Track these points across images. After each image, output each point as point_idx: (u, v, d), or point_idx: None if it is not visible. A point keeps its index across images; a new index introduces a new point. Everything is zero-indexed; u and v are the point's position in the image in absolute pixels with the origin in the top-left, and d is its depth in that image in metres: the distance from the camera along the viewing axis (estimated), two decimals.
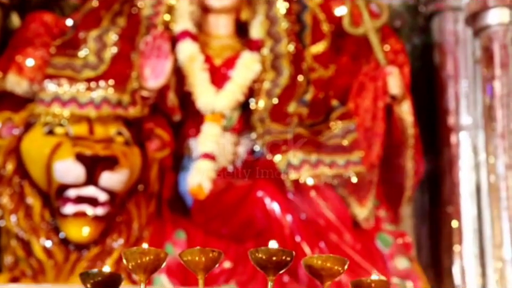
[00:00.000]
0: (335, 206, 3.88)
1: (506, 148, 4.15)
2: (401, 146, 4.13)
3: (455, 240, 4.23)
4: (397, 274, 3.87)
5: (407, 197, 4.22)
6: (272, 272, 1.84)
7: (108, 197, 3.71)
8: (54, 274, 3.71)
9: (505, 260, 4.04)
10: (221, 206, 3.87)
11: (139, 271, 1.87)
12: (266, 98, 4.01)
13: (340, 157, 3.90)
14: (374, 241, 3.96)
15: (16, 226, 3.76)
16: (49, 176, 3.71)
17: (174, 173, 4.04)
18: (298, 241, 3.80)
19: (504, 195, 4.10)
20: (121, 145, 3.80)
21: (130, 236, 3.80)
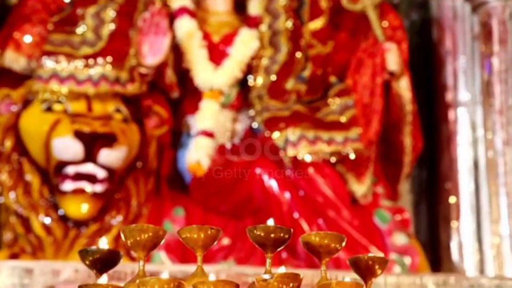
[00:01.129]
0: (333, 182, 3.89)
1: (504, 124, 4.15)
2: (400, 122, 4.14)
3: (453, 216, 4.24)
4: (395, 250, 3.88)
5: (405, 173, 4.23)
6: (270, 249, 1.84)
7: (107, 174, 3.71)
8: (53, 251, 3.72)
9: (502, 236, 4.06)
10: (219, 183, 3.87)
11: (138, 248, 1.87)
12: (265, 75, 4.01)
13: (338, 133, 3.91)
14: (372, 217, 3.97)
15: (15, 203, 3.77)
16: (48, 153, 3.71)
17: (173, 150, 4.04)
18: (296, 218, 3.81)
19: (502, 171, 4.11)
20: (119, 122, 3.80)
21: (129, 213, 3.81)
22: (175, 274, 2.90)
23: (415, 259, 3.90)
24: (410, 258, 3.89)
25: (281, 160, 3.86)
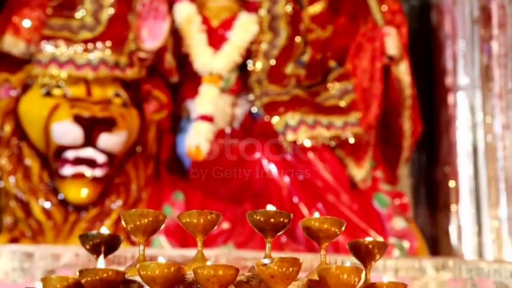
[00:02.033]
0: (332, 167, 3.89)
1: (503, 108, 4.15)
2: (399, 106, 4.14)
3: (452, 200, 4.25)
4: (394, 235, 3.89)
5: (405, 158, 4.24)
6: (270, 234, 1.85)
7: (106, 159, 3.72)
8: (53, 235, 3.73)
9: (501, 219, 4.06)
10: (218, 167, 3.88)
11: (138, 233, 1.88)
12: (264, 59, 4.01)
13: (337, 118, 3.91)
14: (371, 201, 3.98)
15: (15, 187, 3.78)
16: (48, 138, 3.72)
17: (172, 134, 4.05)
18: (296, 202, 3.82)
19: (501, 155, 4.11)
20: (119, 107, 3.80)
21: (129, 197, 3.82)
22: (175, 259, 2.91)
23: (413, 243, 3.91)
24: (409, 242, 3.90)
25: (280, 144, 3.86)
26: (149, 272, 1.71)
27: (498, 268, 3.34)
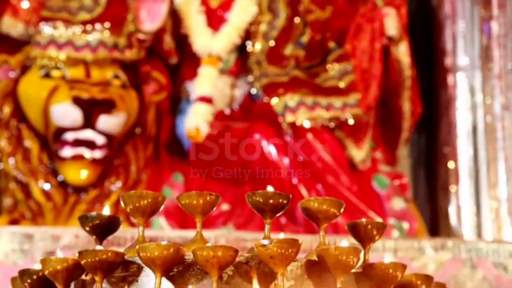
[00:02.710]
0: (331, 148, 3.90)
1: (503, 89, 4.15)
2: (398, 87, 4.14)
3: (451, 181, 4.25)
4: (393, 215, 3.90)
5: (404, 139, 4.24)
6: (269, 215, 1.85)
7: (106, 140, 3.72)
8: (53, 217, 3.74)
9: (500, 200, 4.07)
10: (218, 149, 3.88)
11: (137, 214, 1.87)
12: (263, 40, 4.00)
13: (336, 99, 3.91)
14: (370, 182, 3.98)
15: (14, 169, 3.78)
16: (47, 120, 3.72)
17: (171, 116, 4.05)
18: (295, 183, 3.82)
19: (500, 135, 4.12)
20: (118, 89, 3.80)
21: (128, 179, 3.82)
22: (175, 240, 2.92)
23: (413, 224, 3.92)
24: (408, 223, 3.91)
25: (280, 126, 3.86)
26: (148, 254, 1.71)
27: (497, 248, 3.35)
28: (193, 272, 1.76)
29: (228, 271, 1.75)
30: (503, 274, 3.31)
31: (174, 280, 1.76)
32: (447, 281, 3.18)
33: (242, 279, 1.76)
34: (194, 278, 1.76)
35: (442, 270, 3.29)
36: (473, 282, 3.30)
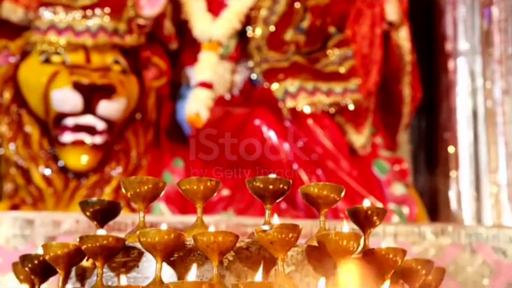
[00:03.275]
0: (332, 133, 3.90)
1: (503, 73, 4.15)
2: (399, 73, 4.14)
3: (452, 166, 4.25)
4: (394, 200, 3.90)
5: (404, 124, 4.25)
6: (270, 201, 1.86)
7: (106, 126, 3.72)
8: (54, 202, 3.74)
9: (500, 185, 4.08)
10: (218, 134, 3.88)
11: (138, 200, 1.88)
12: (263, 26, 3.99)
13: (337, 84, 3.91)
14: (370, 168, 3.99)
15: (15, 154, 3.78)
16: (47, 105, 3.72)
17: (172, 101, 4.04)
18: (295, 169, 3.83)
19: (501, 120, 4.12)
20: (118, 74, 3.79)
21: (129, 164, 3.83)
22: (175, 225, 2.92)
23: (413, 209, 3.92)
24: (409, 208, 3.91)
25: (280, 111, 3.86)
26: (149, 239, 1.72)
27: (497, 233, 3.36)
28: (193, 258, 1.77)
29: (229, 256, 1.76)
30: (503, 259, 3.31)
31: (174, 265, 1.77)
32: (447, 266, 3.19)
33: (242, 265, 1.77)
34: (194, 263, 1.77)
35: (442, 254, 3.30)
36: (473, 267, 3.31)
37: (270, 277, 1.75)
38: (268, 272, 1.76)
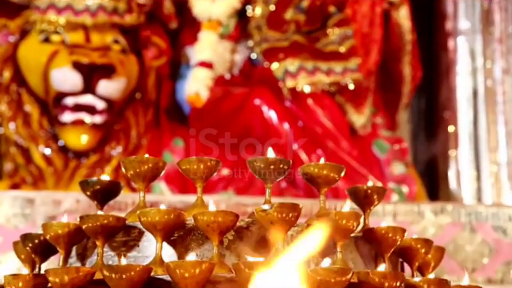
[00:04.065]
0: (332, 113, 3.90)
1: (503, 52, 4.14)
2: (399, 52, 4.13)
3: (451, 145, 4.26)
4: (393, 180, 3.91)
5: (404, 103, 4.25)
6: (270, 181, 1.85)
7: (106, 105, 3.72)
8: (54, 181, 3.74)
9: (500, 164, 4.08)
10: (218, 114, 3.88)
11: (138, 180, 1.88)
12: (263, 5, 3.98)
13: (337, 64, 3.90)
14: (370, 147, 3.99)
15: (15, 133, 3.78)
16: (47, 84, 3.71)
17: (172, 81, 4.04)
18: (295, 148, 3.83)
19: (501, 99, 4.12)
20: (118, 53, 3.79)
21: (129, 144, 3.83)
22: (175, 205, 2.93)
23: (412, 188, 3.93)
24: (408, 187, 3.92)
25: (280, 91, 3.86)
26: (149, 218, 1.72)
27: (497, 211, 3.37)
28: (194, 237, 1.77)
29: (229, 236, 1.76)
30: (503, 238, 3.32)
31: (174, 245, 1.77)
32: (446, 245, 3.20)
33: (243, 244, 1.77)
34: (195, 242, 1.77)
35: (441, 233, 3.31)
36: (473, 246, 3.32)
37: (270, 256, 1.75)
38: (268, 252, 1.76)
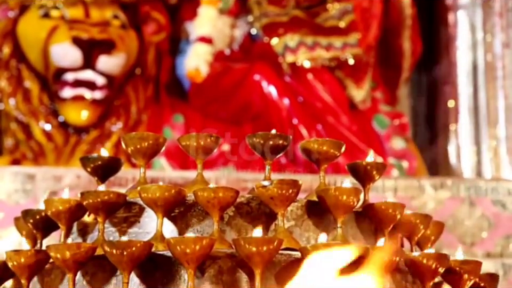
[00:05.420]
0: (332, 88, 3.90)
1: (503, 26, 4.13)
2: (399, 26, 4.12)
3: (451, 119, 4.25)
4: (393, 155, 3.91)
5: (404, 78, 4.24)
6: (270, 157, 1.86)
7: (106, 81, 3.72)
8: (54, 157, 3.75)
9: (499, 138, 4.08)
10: (218, 89, 3.88)
11: (138, 156, 1.88)
12: None
13: (336, 39, 3.89)
14: (370, 122, 3.99)
15: (15, 109, 3.78)
16: (46, 60, 3.71)
17: (171, 56, 4.03)
18: (295, 123, 3.83)
19: (501, 74, 4.11)
20: (117, 29, 3.78)
21: (129, 119, 3.83)
22: (176, 180, 2.94)
23: (412, 163, 3.93)
24: (408, 162, 3.93)
25: (280, 66, 3.85)
26: (149, 195, 1.73)
27: (496, 186, 3.37)
28: (194, 213, 1.78)
29: (229, 211, 1.77)
30: (502, 212, 3.33)
31: (175, 221, 1.78)
32: (446, 219, 3.21)
33: (243, 220, 1.78)
34: (195, 218, 1.78)
35: (441, 208, 3.31)
36: (472, 220, 3.33)
37: (270, 231, 1.76)
38: (268, 227, 1.77)
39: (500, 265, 3.18)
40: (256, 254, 1.60)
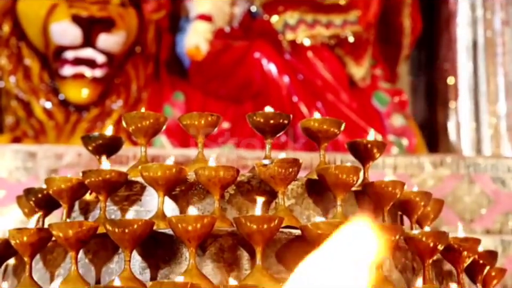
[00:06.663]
0: (331, 66, 3.89)
1: (503, 4, 4.12)
2: (399, 4, 4.12)
3: (451, 97, 4.26)
4: (393, 132, 3.92)
5: (404, 55, 4.24)
6: (270, 135, 1.86)
7: (106, 59, 3.71)
8: (55, 135, 3.76)
9: (499, 115, 4.09)
10: (218, 67, 3.87)
11: (139, 135, 1.89)
12: None
13: (336, 16, 3.89)
14: (370, 100, 4.00)
15: (15, 87, 3.79)
16: (46, 38, 3.71)
17: (171, 34, 4.03)
18: (295, 101, 3.83)
19: (500, 51, 4.11)
20: (117, 7, 3.77)
21: (129, 97, 3.83)
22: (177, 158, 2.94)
23: (412, 140, 3.94)
24: (408, 139, 3.93)
25: (280, 44, 3.85)
26: (151, 173, 1.74)
27: (496, 163, 3.38)
28: (195, 192, 1.79)
29: (230, 190, 1.78)
30: (501, 189, 3.34)
31: (176, 200, 1.79)
32: (446, 196, 3.21)
33: (243, 198, 1.79)
34: (196, 197, 1.79)
35: (441, 185, 3.32)
36: (471, 197, 3.33)
37: (270, 210, 1.77)
38: (269, 205, 1.78)
39: (499, 241, 3.19)
40: (257, 232, 1.61)
